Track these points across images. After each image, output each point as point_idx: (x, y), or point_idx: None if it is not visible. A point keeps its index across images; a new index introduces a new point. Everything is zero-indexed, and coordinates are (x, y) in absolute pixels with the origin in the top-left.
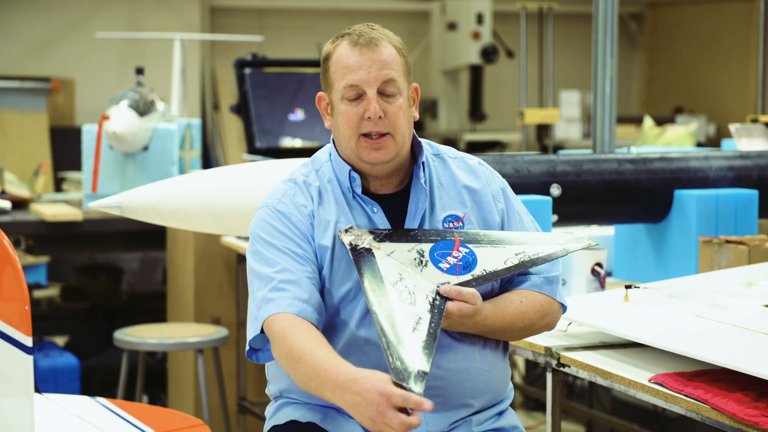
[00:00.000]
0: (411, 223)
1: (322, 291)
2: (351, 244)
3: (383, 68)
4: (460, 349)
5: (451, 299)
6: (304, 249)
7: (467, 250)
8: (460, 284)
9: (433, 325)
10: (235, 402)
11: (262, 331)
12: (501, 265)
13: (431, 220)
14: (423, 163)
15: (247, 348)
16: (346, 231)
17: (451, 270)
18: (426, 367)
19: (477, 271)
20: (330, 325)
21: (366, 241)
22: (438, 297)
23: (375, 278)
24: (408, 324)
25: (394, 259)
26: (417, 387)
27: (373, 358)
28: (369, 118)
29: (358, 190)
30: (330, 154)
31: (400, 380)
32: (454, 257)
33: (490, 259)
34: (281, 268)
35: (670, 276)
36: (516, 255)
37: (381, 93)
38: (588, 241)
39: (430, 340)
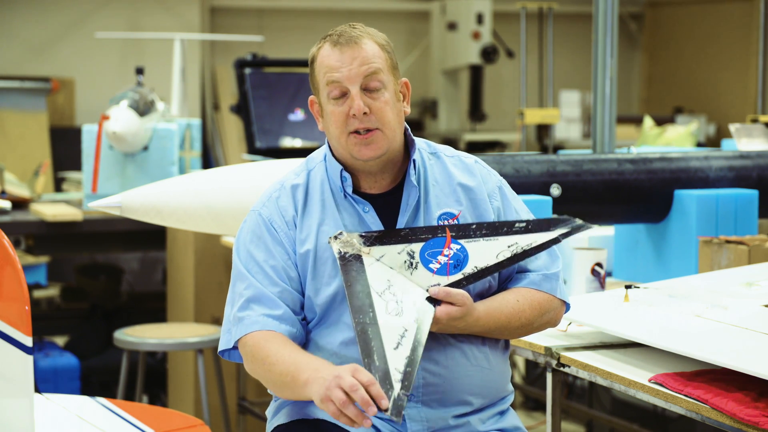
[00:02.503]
0: (402, 220)
1: (311, 293)
2: (340, 252)
3: (363, 64)
4: (458, 345)
5: (439, 302)
6: (281, 259)
7: (458, 247)
8: (451, 284)
9: (418, 336)
10: (235, 402)
11: (233, 347)
12: (493, 260)
13: (426, 217)
14: (414, 161)
15: (219, 351)
16: (336, 237)
17: (442, 270)
18: (407, 390)
19: (468, 269)
20: (326, 323)
21: (355, 246)
22: (427, 301)
23: (362, 293)
24: (392, 340)
25: (383, 264)
26: (394, 414)
27: None
28: (354, 115)
29: (349, 190)
30: (325, 155)
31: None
32: (445, 255)
33: (482, 254)
34: (250, 284)
35: (670, 276)
36: (508, 247)
37: (365, 89)
38: (582, 222)
39: (414, 355)
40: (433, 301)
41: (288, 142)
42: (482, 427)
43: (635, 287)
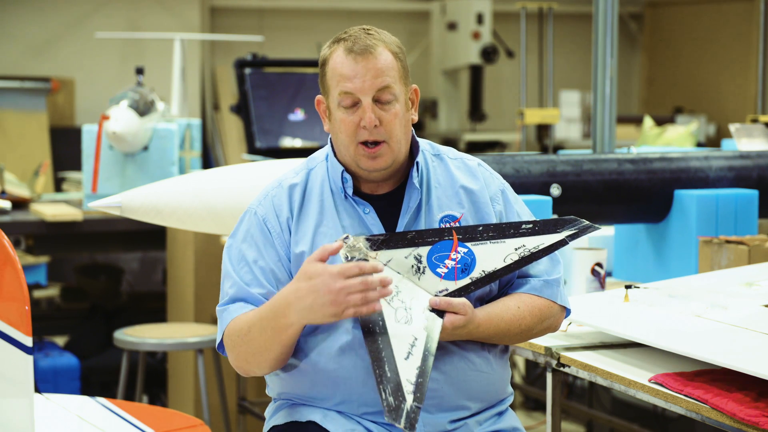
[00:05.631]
0: (403, 222)
1: None
2: (347, 257)
3: (378, 76)
4: (457, 350)
5: (442, 311)
6: (270, 261)
7: (466, 250)
8: (459, 289)
9: (429, 345)
10: (235, 402)
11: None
12: (500, 264)
13: (428, 220)
14: (417, 163)
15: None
16: (342, 242)
17: (449, 275)
18: (420, 402)
19: (476, 273)
20: (322, 328)
21: (362, 251)
22: (433, 311)
23: None
24: (402, 350)
25: (390, 269)
26: (407, 427)
27: (368, 361)
28: (364, 126)
29: (350, 192)
30: (327, 155)
31: (392, 420)
32: (452, 259)
33: (490, 258)
34: (235, 282)
35: (670, 276)
36: (516, 250)
37: (377, 101)
38: (589, 223)
39: (425, 365)
40: (436, 310)
41: (288, 142)
42: (480, 429)
43: (635, 287)
